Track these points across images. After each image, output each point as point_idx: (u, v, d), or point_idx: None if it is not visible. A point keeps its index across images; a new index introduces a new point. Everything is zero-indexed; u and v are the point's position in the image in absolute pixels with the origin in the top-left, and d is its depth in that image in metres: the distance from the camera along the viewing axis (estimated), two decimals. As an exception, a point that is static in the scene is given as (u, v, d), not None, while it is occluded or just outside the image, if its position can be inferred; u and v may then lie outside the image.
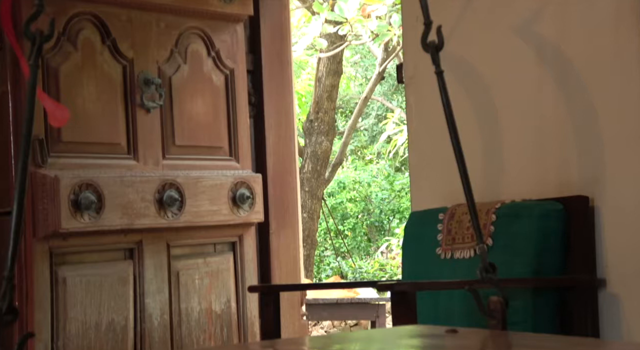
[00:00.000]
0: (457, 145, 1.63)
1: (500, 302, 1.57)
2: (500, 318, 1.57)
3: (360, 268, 10.54)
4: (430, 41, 1.67)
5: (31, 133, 1.27)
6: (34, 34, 1.36)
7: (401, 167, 11.91)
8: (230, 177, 3.47)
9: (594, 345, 1.70)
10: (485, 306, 1.57)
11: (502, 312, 1.56)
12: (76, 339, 2.97)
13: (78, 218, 2.96)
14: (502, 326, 1.56)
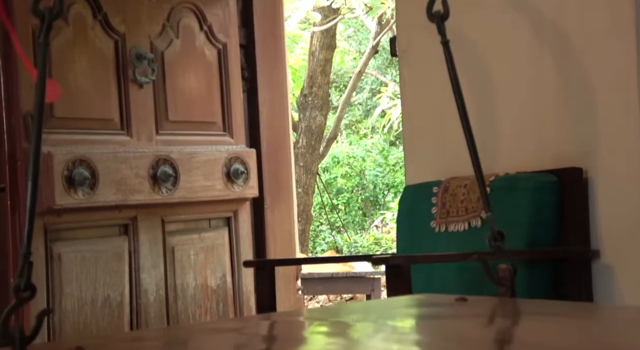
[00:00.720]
0: (464, 114, 1.63)
1: (509, 270, 1.57)
2: (510, 285, 1.57)
3: (355, 242, 10.57)
4: (436, 11, 1.66)
5: (43, 112, 1.26)
6: (43, 12, 1.35)
7: (395, 141, 11.91)
8: (224, 153, 3.46)
9: (598, 310, 1.70)
10: (494, 274, 1.58)
11: (511, 279, 1.57)
12: (72, 315, 2.98)
13: (72, 194, 2.96)
14: (511, 294, 1.57)
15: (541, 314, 1.46)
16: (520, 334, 1.32)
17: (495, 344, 1.22)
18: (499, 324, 1.45)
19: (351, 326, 1.41)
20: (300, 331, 1.45)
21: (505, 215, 2.58)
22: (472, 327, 1.35)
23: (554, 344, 1.15)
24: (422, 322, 1.47)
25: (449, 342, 1.21)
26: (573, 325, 1.33)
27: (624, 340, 1.20)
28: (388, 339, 1.27)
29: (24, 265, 1.18)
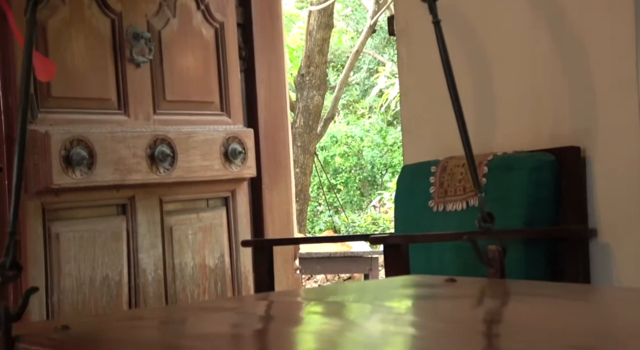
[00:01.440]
0: (455, 95, 1.62)
1: (498, 251, 1.58)
2: (499, 267, 1.58)
3: (353, 222, 10.59)
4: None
5: (29, 89, 1.25)
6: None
7: (393, 121, 11.90)
8: (222, 132, 3.45)
9: (589, 291, 1.71)
10: (484, 255, 1.58)
11: (500, 260, 1.57)
12: (71, 294, 2.99)
13: (70, 174, 2.95)
14: (500, 274, 1.58)
15: (529, 294, 1.47)
16: (507, 314, 1.33)
17: (485, 325, 1.23)
18: (489, 304, 1.46)
19: (344, 307, 1.42)
20: (297, 311, 1.46)
21: (503, 194, 2.58)
22: (462, 308, 1.36)
23: (541, 324, 1.16)
24: (412, 303, 1.48)
25: (441, 323, 1.22)
26: (561, 306, 1.34)
27: (612, 320, 1.21)
28: (381, 319, 1.28)
29: (9, 243, 1.18)
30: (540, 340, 1.01)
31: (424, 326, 1.21)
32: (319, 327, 1.26)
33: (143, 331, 1.25)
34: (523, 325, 1.17)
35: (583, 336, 1.05)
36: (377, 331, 1.18)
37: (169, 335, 1.25)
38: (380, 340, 1.10)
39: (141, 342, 1.14)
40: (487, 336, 1.14)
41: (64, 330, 1.13)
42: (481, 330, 1.19)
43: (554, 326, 1.14)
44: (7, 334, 1.07)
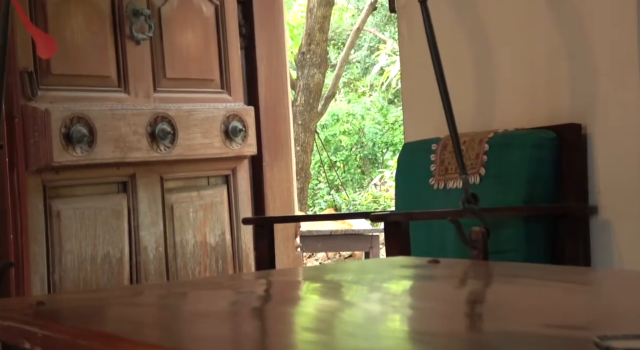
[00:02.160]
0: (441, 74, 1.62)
1: (482, 233, 1.58)
2: (482, 248, 1.59)
3: (353, 201, 10.60)
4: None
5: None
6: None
7: (394, 100, 11.87)
8: (222, 110, 3.45)
9: (570, 272, 1.72)
10: (468, 236, 1.59)
11: (483, 242, 1.58)
12: (72, 272, 3.00)
13: (70, 151, 2.95)
14: (483, 256, 1.58)
15: (509, 276, 1.48)
16: (489, 295, 1.34)
17: (462, 305, 1.25)
18: (469, 286, 1.47)
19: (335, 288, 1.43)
20: (296, 290, 1.47)
21: (503, 171, 2.58)
22: (446, 289, 1.37)
23: (520, 304, 1.17)
24: (400, 284, 1.49)
25: (421, 303, 1.23)
26: (540, 286, 1.35)
27: (591, 301, 1.22)
28: (369, 299, 1.29)
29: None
30: (518, 319, 1.03)
31: (408, 306, 1.22)
32: (315, 307, 1.27)
33: (127, 308, 1.26)
34: (504, 305, 1.18)
35: (559, 316, 1.06)
36: (365, 312, 1.19)
37: (159, 312, 1.26)
38: (368, 320, 1.11)
39: (120, 319, 1.15)
40: (468, 316, 1.16)
41: (39, 306, 1.14)
42: (462, 310, 1.20)
43: (533, 306, 1.15)
44: None
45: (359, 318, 1.13)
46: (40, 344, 0.98)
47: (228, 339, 0.97)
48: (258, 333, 1.05)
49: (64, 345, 0.96)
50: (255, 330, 1.08)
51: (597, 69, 2.54)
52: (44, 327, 0.99)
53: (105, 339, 0.91)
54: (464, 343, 0.90)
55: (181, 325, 1.07)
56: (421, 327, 1.02)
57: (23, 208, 2.90)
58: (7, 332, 1.04)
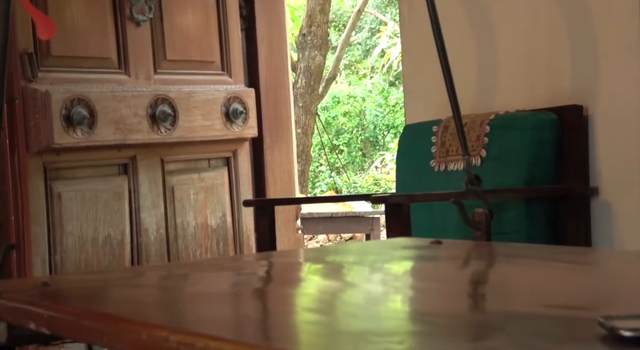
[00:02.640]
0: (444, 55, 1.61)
1: (485, 214, 1.58)
2: (485, 229, 1.59)
3: (354, 183, 10.60)
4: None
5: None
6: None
7: (395, 82, 11.85)
8: (223, 92, 3.44)
9: (574, 252, 1.72)
10: (471, 218, 1.59)
11: (486, 223, 1.58)
12: (73, 253, 3.00)
13: (71, 133, 2.95)
14: (486, 237, 1.58)
15: (512, 256, 1.48)
16: (491, 275, 1.34)
17: (469, 285, 1.25)
18: (472, 266, 1.47)
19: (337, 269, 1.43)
20: (297, 272, 1.47)
21: (504, 153, 2.58)
22: (449, 270, 1.37)
23: (523, 285, 1.18)
24: (402, 264, 1.49)
25: (423, 283, 1.24)
26: (542, 267, 1.35)
27: (595, 281, 1.22)
28: (372, 280, 1.29)
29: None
30: (522, 300, 1.03)
31: (410, 287, 1.22)
32: (317, 288, 1.27)
33: (131, 289, 1.26)
34: (506, 285, 1.18)
35: (562, 296, 1.06)
36: (368, 292, 1.19)
37: (161, 293, 1.26)
38: (371, 300, 1.12)
39: (125, 300, 1.15)
40: (471, 296, 1.16)
41: (43, 287, 1.14)
42: (466, 291, 1.20)
43: (536, 287, 1.15)
44: None
45: (360, 299, 1.13)
46: (45, 325, 0.98)
47: (230, 320, 0.98)
48: (260, 314, 1.05)
49: (69, 326, 0.96)
50: (256, 311, 1.08)
51: (599, 51, 2.53)
52: (49, 307, 0.99)
53: (111, 320, 0.91)
54: (467, 323, 0.90)
55: (183, 306, 1.07)
56: (423, 308, 1.02)
57: (24, 190, 2.90)
58: (12, 313, 1.05)
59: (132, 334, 0.85)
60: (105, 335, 0.89)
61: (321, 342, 0.81)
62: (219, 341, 0.76)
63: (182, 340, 0.79)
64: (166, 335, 0.81)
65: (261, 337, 0.86)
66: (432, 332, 0.84)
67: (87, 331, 0.93)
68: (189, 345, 0.78)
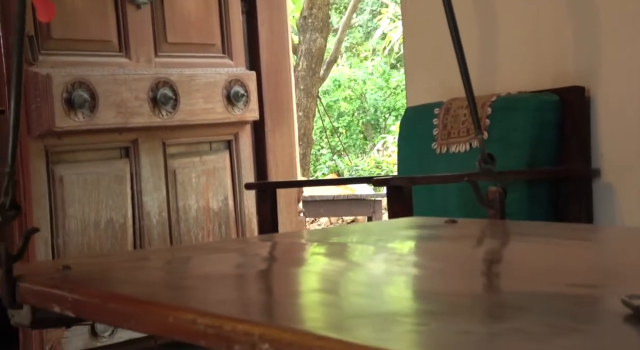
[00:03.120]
0: (455, 33, 1.60)
1: (499, 192, 1.58)
2: (499, 208, 1.58)
3: (356, 166, 10.60)
4: None
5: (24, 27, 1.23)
6: None
7: (396, 64, 11.82)
8: (224, 75, 3.43)
9: (589, 230, 1.72)
10: (484, 196, 1.59)
11: (500, 202, 1.58)
12: (76, 236, 3.01)
13: (72, 116, 2.95)
14: (500, 215, 1.58)
15: (528, 235, 1.48)
16: (507, 254, 1.34)
17: (486, 264, 1.24)
18: (487, 245, 1.47)
19: (349, 247, 1.43)
20: (301, 252, 1.47)
21: (506, 135, 2.58)
22: (461, 248, 1.36)
23: (541, 263, 1.17)
24: (415, 243, 1.49)
25: (437, 263, 1.23)
26: (561, 245, 1.35)
27: (612, 258, 1.22)
28: (385, 260, 1.29)
29: (8, 183, 1.18)
30: (540, 278, 1.02)
31: (425, 266, 1.22)
32: (322, 268, 1.27)
33: (145, 271, 1.26)
34: (523, 264, 1.17)
35: (582, 274, 1.06)
36: (380, 271, 1.19)
37: (172, 275, 1.26)
38: (382, 279, 1.11)
39: (142, 282, 1.15)
40: (487, 275, 1.15)
41: (65, 270, 1.14)
42: (481, 270, 1.20)
43: (554, 265, 1.14)
44: (9, 274, 1.08)
45: (367, 278, 1.13)
46: (70, 308, 0.98)
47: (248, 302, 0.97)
48: (279, 295, 1.04)
49: (94, 309, 0.96)
50: (278, 293, 1.07)
51: (601, 32, 2.52)
52: (74, 290, 0.99)
53: (137, 303, 0.91)
54: (489, 303, 0.90)
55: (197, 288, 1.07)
56: (443, 288, 1.00)
57: (26, 173, 2.90)
58: (36, 297, 1.05)
59: (159, 316, 0.85)
60: (132, 318, 0.89)
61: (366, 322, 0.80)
62: (247, 323, 0.76)
63: (209, 323, 0.79)
64: (193, 318, 0.81)
65: (287, 319, 0.85)
66: (452, 312, 0.83)
67: (113, 314, 0.93)
68: (216, 327, 0.78)
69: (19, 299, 1.07)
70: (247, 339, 0.75)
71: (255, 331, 0.74)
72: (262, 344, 0.73)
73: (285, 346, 0.71)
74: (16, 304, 1.07)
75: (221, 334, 0.77)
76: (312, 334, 0.71)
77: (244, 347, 0.75)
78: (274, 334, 0.73)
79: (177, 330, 0.82)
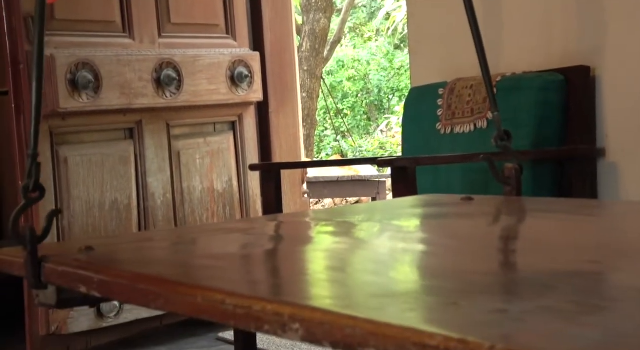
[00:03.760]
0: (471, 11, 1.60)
1: (515, 169, 1.58)
2: (515, 185, 1.58)
3: (360, 147, 10.60)
4: None
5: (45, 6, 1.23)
6: None
7: (400, 45, 11.77)
8: (228, 56, 3.42)
9: (604, 206, 1.71)
10: (501, 173, 1.58)
11: (517, 178, 1.57)
12: (81, 217, 3.02)
13: (76, 97, 2.95)
14: (517, 192, 1.58)
15: (545, 211, 1.47)
16: (526, 231, 1.33)
17: (500, 241, 1.24)
18: (504, 221, 1.46)
19: (357, 226, 1.43)
20: (307, 231, 1.47)
21: (511, 115, 2.57)
22: (478, 225, 1.36)
23: (557, 240, 1.16)
24: (429, 221, 1.48)
25: (455, 240, 1.23)
26: (577, 221, 1.34)
27: (626, 234, 1.21)
28: (394, 237, 1.28)
29: (31, 166, 1.18)
30: (560, 256, 1.02)
31: (437, 243, 1.21)
32: (329, 246, 1.27)
33: (161, 252, 1.27)
34: (543, 241, 1.17)
35: (602, 251, 1.05)
36: (389, 249, 1.18)
37: (186, 255, 1.27)
38: (392, 257, 1.11)
39: (162, 261, 1.16)
40: (505, 253, 1.15)
41: (88, 250, 1.15)
42: (500, 247, 1.19)
43: (574, 242, 1.14)
44: (34, 255, 1.08)
45: (378, 256, 1.13)
46: (97, 289, 0.99)
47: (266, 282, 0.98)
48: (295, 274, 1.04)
49: (121, 289, 0.96)
50: (289, 271, 1.07)
51: (607, 11, 2.51)
52: (100, 271, 1.00)
53: (165, 283, 0.91)
54: (515, 281, 0.89)
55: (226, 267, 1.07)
56: (465, 266, 0.99)
57: (30, 155, 2.90)
58: (61, 277, 1.05)
59: (188, 297, 0.85)
60: (160, 298, 0.89)
61: None
62: (277, 304, 0.76)
63: (238, 304, 0.79)
64: (222, 298, 0.81)
65: (302, 297, 0.86)
66: (478, 290, 0.82)
67: (141, 294, 0.93)
68: (246, 308, 0.78)
69: (44, 279, 1.08)
70: (277, 319, 0.74)
71: (286, 311, 0.74)
72: (293, 323, 0.73)
73: (316, 326, 0.71)
74: (41, 284, 1.08)
75: (250, 314, 0.77)
76: (343, 314, 0.71)
77: (274, 327, 0.74)
78: (304, 314, 0.72)
79: (206, 311, 0.82)
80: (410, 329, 0.65)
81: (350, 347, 0.68)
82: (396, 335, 0.65)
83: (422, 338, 0.63)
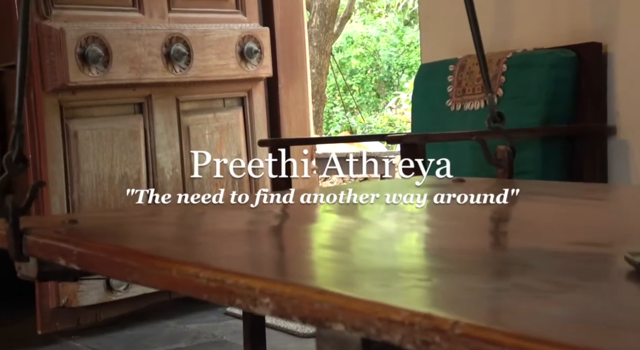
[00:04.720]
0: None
1: (507, 151, 1.57)
2: (508, 167, 1.58)
3: (369, 124, 10.58)
4: None
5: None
6: None
7: (410, 21, 11.71)
8: (238, 31, 3.41)
9: (598, 189, 1.72)
10: (493, 155, 1.58)
11: (509, 161, 1.57)
12: (90, 192, 3.03)
13: (86, 72, 2.94)
14: (508, 175, 1.58)
15: (537, 194, 1.48)
16: (515, 213, 1.34)
17: (489, 222, 1.24)
18: (496, 204, 1.47)
19: (360, 205, 1.43)
20: (313, 209, 1.47)
21: (521, 92, 2.56)
22: (471, 207, 1.36)
23: (550, 222, 1.17)
24: (424, 202, 1.49)
25: (443, 220, 1.23)
26: (570, 204, 1.34)
27: (622, 218, 1.22)
28: (395, 218, 1.29)
29: (15, 136, 1.17)
30: (546, 237, 1.02)
31: (434, 224, 1.22)
32: (334, 225, 1.27)
33: (155, 227, 1.27)
34: (530, 223, 1.18)
35: (589, 233, 1.06)
36: (390, 228, 1.19)
37: (181, 230, 1.27)
38: (391, 236, 1.12)
39: (150, 237, 1.16)
40: (494, 233, 1.16)
41: (71, 223, 1.15)
42: (488, 228, 1.20)
43: (560, 224, 1.15)
44: (15, 227, 1.08)
45: (377, 235, 1.14)
46: (75, 261, 0.99)
47: (252, 257, 0.98)
48: (290, 251, 1.05)
49: (99, 262, 0.97)
50: (286, 248, 1.08)
51: (620, -13, 2.48)
52: (79, 244, 1.00)
53: (141, 256, 0.92)
54: (493, 260, 0.90)
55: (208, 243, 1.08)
56: (447, 244, 1.01)
57: (40, 128, 2.91)
58: (42, 249, 1.06)
59: (163, 270, 0.86)
60: (136, 272, 0.90)
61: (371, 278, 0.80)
62: (249, 278, 0.77)
63: (212, 277, 0.79)
64: (196, 271, 0.81)
65: (294, 275, 0.86)
66: (457, 269, 0.83)
67: (117, 267, 0.93)
68: (218, 281, 0.79)
69: (26, 251, 1.08)
70: (248, 293, 0.75)
71: (257, 286, 0.74)
72: (263, 298, 0.73)
73: (285, 300, 0.71)
74: (23, 256, 1.08)
75: (223, 287, 0.78)
76: (313, 288, 0.72)
77: (245, 302, 0.75)
78: (275, 289, 0.73)
79: (180, 284, 0.83)
80: (378, 304, 0.65)
81: (319, 321, 0.68)
82: (364, 309, 0.65)
83: (388, 313, 0.63)
